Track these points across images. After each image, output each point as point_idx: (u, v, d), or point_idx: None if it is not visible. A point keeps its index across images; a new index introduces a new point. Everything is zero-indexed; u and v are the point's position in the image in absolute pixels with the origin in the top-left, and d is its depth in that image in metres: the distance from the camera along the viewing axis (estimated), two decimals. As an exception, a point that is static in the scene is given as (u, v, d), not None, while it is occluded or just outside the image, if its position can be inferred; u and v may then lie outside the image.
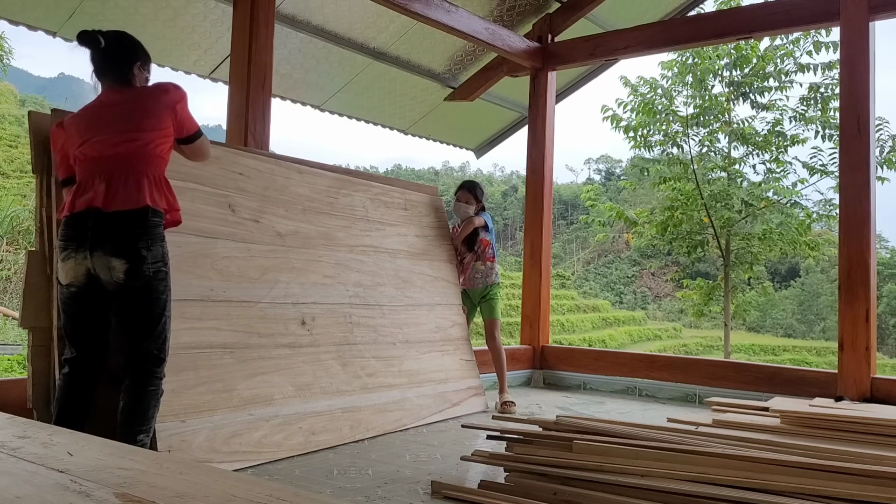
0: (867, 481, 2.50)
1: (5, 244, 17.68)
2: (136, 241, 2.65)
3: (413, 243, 4.86)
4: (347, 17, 5.75)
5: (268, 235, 3.87)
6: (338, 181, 4.46)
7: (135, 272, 2.66)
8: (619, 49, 6.04)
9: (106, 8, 4.76)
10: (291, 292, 3.89)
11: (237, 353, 3.51)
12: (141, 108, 2.77)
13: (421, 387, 4.49)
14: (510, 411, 4.74)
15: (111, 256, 2.64)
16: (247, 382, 3.50)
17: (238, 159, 3.86)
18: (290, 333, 3.81)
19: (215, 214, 3.60)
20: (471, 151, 8.14)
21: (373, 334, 4.31)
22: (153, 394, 2.78)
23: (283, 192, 4.03)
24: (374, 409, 4.09)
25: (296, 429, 3.61)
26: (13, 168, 22.56)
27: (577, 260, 43.28)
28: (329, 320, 4.07)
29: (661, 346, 24.51)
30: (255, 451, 3.38)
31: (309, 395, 3.78)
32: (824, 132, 9.57)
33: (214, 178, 3.65)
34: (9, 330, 13.04)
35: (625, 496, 2.58)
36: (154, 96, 2.81)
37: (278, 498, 1.16)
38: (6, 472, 1.27)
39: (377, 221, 4.62)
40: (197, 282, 3.40)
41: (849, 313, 4.75)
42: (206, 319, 3.41)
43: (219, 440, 3.25)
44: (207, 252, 3.51)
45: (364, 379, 4.13)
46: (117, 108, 2.78)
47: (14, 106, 30.00)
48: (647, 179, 11.89)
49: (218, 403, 3.33)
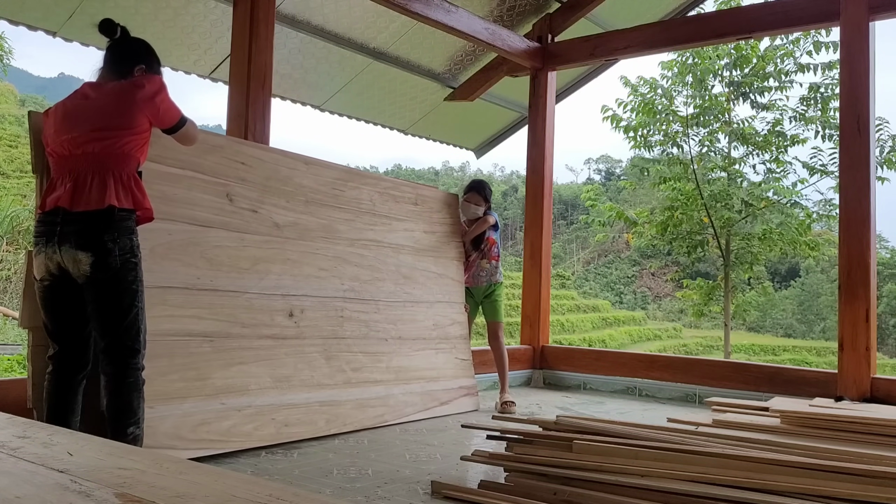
0: (867, 481, 2.50)
1: (5, 244, 17.68)
2: (102, 234, 2.67)
3: (419, 239, 4.84)
4: (347, 17, 5.75)
5: (264, 226, 3.87)
6: (346, 174, 4.44)
7: (101, 265, 2.67)
8: (619, 49, 6.04)
9: (106, 8, 4.76)
10: (282, 284, 3.90)
11: (217, 342, 3.52)
12: (113, 106, 2.75)
13: (408, 384, 4.49)
14: (510, 411, 4.74)
15: (77, 250, 2.66)
16: (223, 372, 3.51)
17: (241, 149, 3.85)
18: (276, 325, 3.82)
19: (211, 203, 3.60)
20: (471, 151, 8.14)
21: (364, 329, 4.31)
22: (133, 385, 2.78)
23: (285, 183, 4.01)
24: (354, 404, 4.10)
25: (268, 420, 3.63)
26: (13, 168, 22.56)
27: (577, 260, 43.27)
28: (318, 313, 4.06)
29: (661, 346, 24.50)
30: (221, 440, 3.40)
31: (287, 387, 3.79)
32: (824, 132, 9.58)
33: (215, 167, 3.64)
34: (9, 330, 13.05)
35: (625, 496, 2.58)
36: (128, 93, 2.77)
37: (278, 498, 1.16)
38: (6, 472, 1.27)
39: (384, 216, 4.60)
40: (184, 269, 3.41)
41: (849, 313, 4.75)
42: (188, 307, 3.42)
43: (186, 428, 3.28)
44: (198, 240, 3.51)
45: (348, 373, 4.14)
46: (91, 105, 2.77)
47: (14, 106, 30.02)
48: (647, 179, 11.89)
49: (189, 391, 3.35)
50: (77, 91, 2.86)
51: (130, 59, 2.90)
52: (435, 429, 4.22)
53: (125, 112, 2.75)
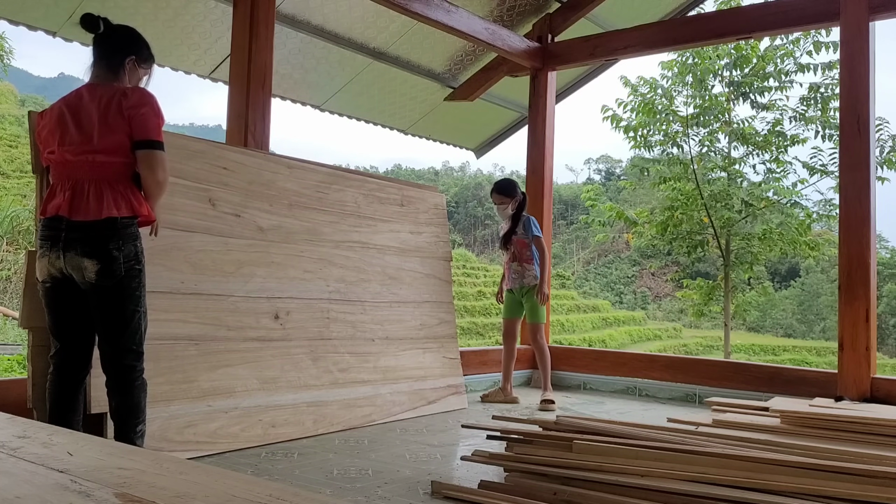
0: (867, 481, 2.50)
1: (5, 244, 17.68)
2: (107, 242, 2.67)
3: (405, 240, 4.85)
4: (347, 17, 5.75)
5: (248, 230, 3.89)
6: (329, 176, 4.44)
7: (106, 272, 2.68)
8: (619, 49, 6.04)
9: (106, 8, 4.76)
10: (267, 287, 3.92)
11: (202, 345, 3.55)
12: (101, 115, 2.68)
13: (396, 383, 4.50)
14: (548, 409, 4.85)
15: (83, 257, 2.66)
16: (209, 374, 3.54)
17: (223, 153, 3.87)
18: (262, 327, 3.84)
19: (193, 208, 3.62)
20: (471, 151, 8.13)
21: (350, 330, 4.32)
22: (140, 387, 2.82)
23: (268, 187, 4.04)
24: (341, 404, 4.12)
25: (255, 421, 3.66)
26: (13, 168, 22.56)
27: (577, 260, 43.27)
28: (304, 315, 4.08)
29: (661, 346, 24.50)
30: (208, 442, 3.42)
31: (274, 388, 3.81)
32: (824, 132, 9.57)
33: (197, 173, 3.67)
34: (9, 330, 13.04)
35: (625, 496, 2.58)
36: (116, 100, 2.70)
37: (278, 498, 1.16)
38: (6, 472, 1.27)
39: (368, 217, 4.62)
40: (167, 274, 3.44)
41: (849, 313, 4.74)
42: (173, 311, 3.44)
43: (172, 430, 3.31)
44: (181, 245, 3.54)
45: (335, 374, 4.16)
46: (86, 114, 2.71)
47: (14, 106, 30.00)
48: (647, 179, 11.89)
49: (176, 394, 3.37)
50: (73, 94, 2.79)
51: (120, 52, 2.82)
52: (435, 429, 4.22)
53: (113, 121, 2.68)
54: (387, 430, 4.15)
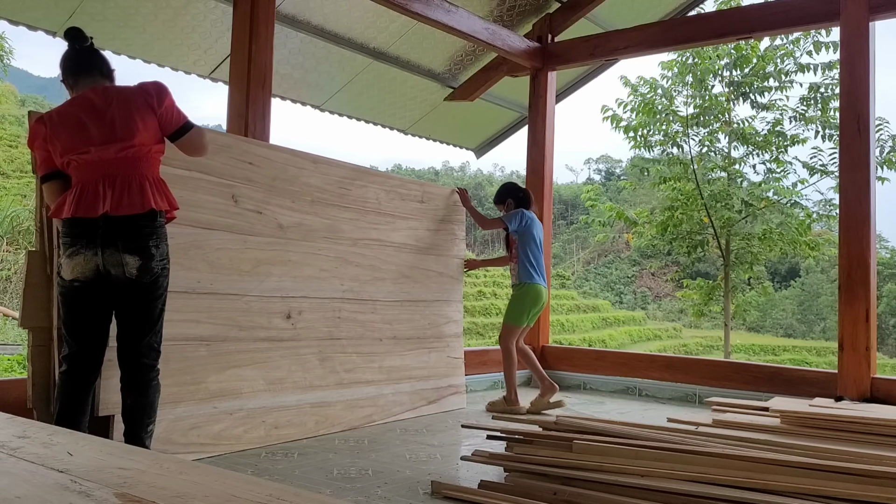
0: (867, 481, 2.50)
1: (5, 244, 17.66)
2: (147, 239, 2.73)
3: (423, 237, 4.84)
4: (347, 17, 5.75)
5: (269, 227, 3.85)
6: (354, 172, 4.42)
7: (146, 269, 2.74)
8: (619, 49, 6.04)
9: (106, 8, 4.76)
10: (282, 286, 3.89)
11: (213, 346, 3.52)
12: (127, 113, 2.75)
13: (399, 383, 4.50)
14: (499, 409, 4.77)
15: (125, 253, 2.70)
16: (217, 376, 3.52)
17: (249, 148, 3.82)
18: (273, 327, 3.82)
19: (215, 205, 3.58)
20: (471, 151, 8.13)
21: (360, 329, 4.31)
22: (157, 387, 2.86)
23: (292, 183, 3.99)
24: (345, 404, 4.12)
25: (259, 422, 3.64)
26: (13, 168, 22.54)
27: (577, 260, 43.26)
28: (316, 315, 4.06)
29: (661, 346, 24.49)
30: (211, 444, 3.41)
31: (280, 389, 3.80)
32: (824, 132, 9.57)
33: (222, 168, 3.61)
34: (9, 330, 13.03)
35: (625, 496, 2.58)
36: (138, 98, 2.79)
37: (278, 498, 1.16)
38: (6, 472, 1.27)
39: (388, 214, 4.59)
40: (184, 273, 3.39)
41: (849, 313, 4.74)
42: (187, 312, 3.41)
43: (177, 432, 3.29)
44: (200, 244, 3.50)
45: (341, 374, 4.15)
46: (107, 113, 2.75)
47: (14, 106, 29.96)
48: (647, 179, 11.89)
49: (183, 396, 3.35)
50: (80, 98, 2.80)
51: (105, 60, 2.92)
52: (435, 429, 4.22)
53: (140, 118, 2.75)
54: (387, 429, 4.15)
